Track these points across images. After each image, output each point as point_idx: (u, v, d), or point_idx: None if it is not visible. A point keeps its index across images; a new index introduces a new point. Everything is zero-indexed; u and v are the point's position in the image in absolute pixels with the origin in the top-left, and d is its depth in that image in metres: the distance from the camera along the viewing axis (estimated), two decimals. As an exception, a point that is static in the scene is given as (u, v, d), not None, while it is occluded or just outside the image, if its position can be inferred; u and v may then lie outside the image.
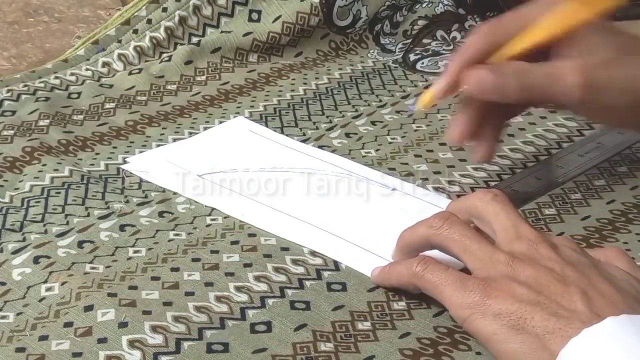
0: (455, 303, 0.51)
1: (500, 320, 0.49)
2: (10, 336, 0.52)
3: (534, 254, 0.52)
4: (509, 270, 0.51)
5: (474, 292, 0.50)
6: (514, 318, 0.49)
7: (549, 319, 0.48)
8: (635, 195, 0.68)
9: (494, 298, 0.50)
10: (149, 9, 0.91)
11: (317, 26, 0.93)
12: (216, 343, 0.52)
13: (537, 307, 0.49)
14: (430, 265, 0.53)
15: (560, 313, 0.48)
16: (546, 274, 0.50)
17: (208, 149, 0.74)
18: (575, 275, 0.50)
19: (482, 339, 0.50)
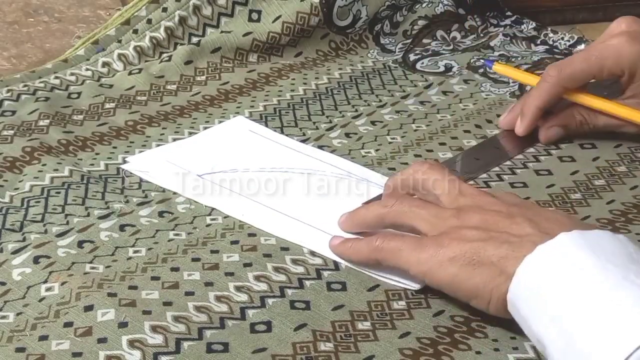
0: (414, 261, 0.55)
1: (457, 262, 0.53)
2: (10, 336, 0.52)
3: (479, 203, 0.56)
4: (457, 222, 0.55)
5: (429, 247, 0.54)
6: (468, 256, 0.52)
7: (501, 247, 0.52)
8: (635, 195, 0.68)
9: (446, 246, 0.53)
10: (149, 9, 0.91)
11: (317, 26, 0.93)
12: (216, 343, 0.52)
13: (489, 241, 0.52)
14: (388, 236, 0.57)
15: (511, 240, 0.52)
16: (493, 215, 0.54)
17: (208, 149, 0.74)
18: (520, 210, 0.55)
19: (446, 286, 0.54)
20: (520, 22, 1.00)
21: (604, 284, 0.47)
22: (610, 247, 0.49)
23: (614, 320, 0.46)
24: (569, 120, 0.75)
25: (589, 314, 0.46)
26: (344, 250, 0.59)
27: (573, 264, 0.49)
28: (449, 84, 0.86)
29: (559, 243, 0.50)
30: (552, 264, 0.49)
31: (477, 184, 0.69)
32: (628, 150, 0.74)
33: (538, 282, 0.49)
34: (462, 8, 1.00)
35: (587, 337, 0.46)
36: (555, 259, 0.49)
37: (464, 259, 0.53)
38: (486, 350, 0.52)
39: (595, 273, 0.48)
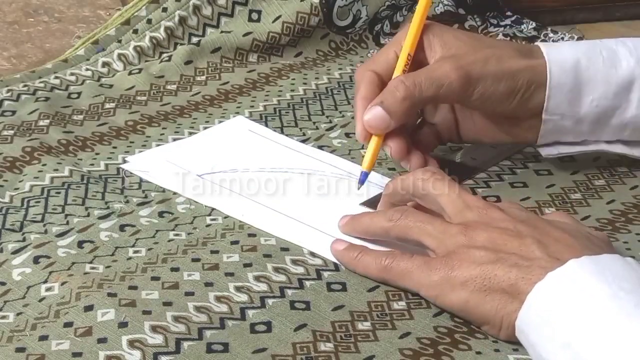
0: (425, 284, 0.54)
1: (468, 287, 0.52)
2: (10, 336, 0.52)
3: (486, 219, 0.55)
4: (465, 240, 0.54)
5: (439, 269, 0.54)
6: (479, 281, 0.52)
7: (511, 271, 0.51)
8: (635, 195, 0.68)
9: (457, 269, 0.53)
10: (149, 9, 0.91)
11: (317, 26, 0.93)
12: (216, 343, 0.52)
13: (498, 264, 0.52)
14: (397, 257, 0.56)
15: (520, 263, 0.51)
16: (501, 234, 0.53)
17: (207, 149, 0.74)
18: (529, 229, 0.54)
19: (458, 310, 0.54)
20: (520, 22, 1.00)
21: (617, 312, 0.47)
22: (621, 272, 0.49)
23: (628, 350, 0.45)
24: None
25: (602, 343, 0.46)
26: (349, 260, 0.58)
27: (584, 291, 0.48)
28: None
29: (569, 270, 0.49)
30: (563, 291, 0.49)
31: (477, 183, 0.69)
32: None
33: (549, 309, 0.49)
34: (462, 8, 1.00)
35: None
36: (566, 286, 0.49)
37: (475, 285, 0.52)
38: (486, 350, 0.52)
39: (607, 300, 0.47)
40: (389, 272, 0.56)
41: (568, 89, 0.66)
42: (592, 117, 0.67)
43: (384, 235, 0.59)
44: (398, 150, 0.66)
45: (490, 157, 0.73)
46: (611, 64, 0.66)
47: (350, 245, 0.59)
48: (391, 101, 0.64)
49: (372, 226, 0.60)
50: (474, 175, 0.70)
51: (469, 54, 0.65)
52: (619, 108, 0.67)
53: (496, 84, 0.65)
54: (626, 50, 0.67)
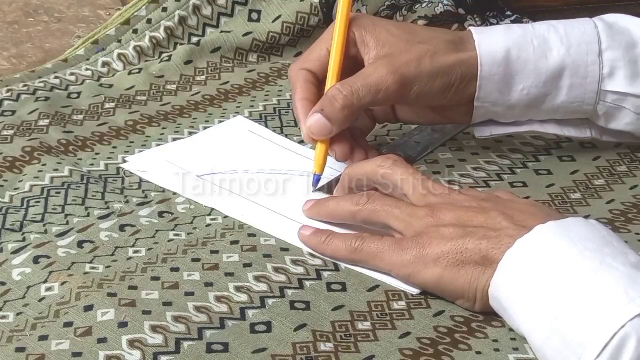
0: (397, 264, 0.56)
1: (441, 263, 0.54)
2: (10, 336, 0.52)
3: (449, 201, 0.57)
4: (433, 221, 0.56)
5: (410, 248, 0.55)
6: (452, 256, 0.54)
7: (481, 243, 0.53)
8: (634, 195, 0.68)
9: (428, 247, 0.54)
10: (149, 9, 0.91)
11: (317, 26, 0.93)
12: (216, 343, 0.52)
13: (468, 238, 0.54)
14: (367, 239, 0.58)
15: (489, 235, 0.53)
16: (466, 211, 0.55)
17: (207, 150, 0.74)
18: (492, 204, 0.56)
19: (433, 287, 0.55)
20: (520, 22, 1.00)
21: (584, 270, 0.49)
22: (585, 233, 0.52)
23: (598, 303, 0.47)
24: None
25: (573, 299, 0.48)
26: (318, 244, 0.60)
27: (552, 253, 0.50)
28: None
29: (536, 235, 0.52)
30: (532, 255, 0.51)
31: (477, 183, 0.69)
32: (628, 150, 0.74)
33: (519, 273, 0.51)
34: (462, 8, 1.00)
35: (572, 321, 0.48)
36: (535, 249, 0.51)
37: (447, 260, 0.54)
38: (486, 350, 0.52)
39: (574, 260, 0.50)
40: (360, 254, 0.57)
41: (499, 79, 0.68)
42: (524, 104, 0.69)
43: (350, 219, 0.60)
44: (342, 153, 0.67)
45: (433, 140, 0.75)
46: (542, 54, 0.68)
47: (318, 230, 0.60)
48: (330, 110, 0.65)
49: (339, 210, 0.61)
50: (418, 159, 0.72)
51: (403, 53, 0.66)
52: (550, 95, 0.69)
53: (432, 82, 0.66)
54: (557, 38, 0.68)
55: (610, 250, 0.50)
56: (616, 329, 0.46)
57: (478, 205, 0.56)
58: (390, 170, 0.61)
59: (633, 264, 0.49)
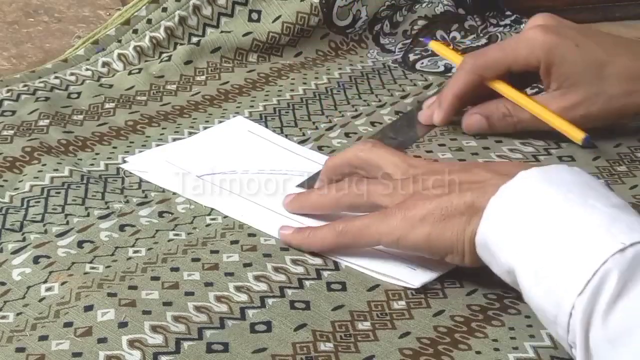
0: (384, 231, 0.56)
1: (428, 221, 0.55)
2: (10, 336, 0.52)
3: (431, 169, 0.58)
4: (415, 187, 0.57)
5: (395, 214, 0.56)
6: (437, 212, 0.54)
7: (466, 195, 0.54)
8: (634, 194, 0.68)
9: (413, 208, 0.55)
10: (149, 9, 0.91)
11: (316, 26, 0.93)
12: (216, 343, 0.52)
13: (452, 193, 0.55)
14: (350, 219, 0.58)
15: (473, 187, 0.54)
16: (448, 174, 0.57)
17: (207, 150, 0.74)
18: (473, 164, 0.59)
19: (423, 246, 0.55)
20: (520, 22, 1.00)
21: (568, 212, 0.50)
22: (568, 177, 0.53)
23: (581, 243, 0.48)
24: (492, 111, 0.75)
25: (558, 238, 0.49)
26: (303, 240, 0.60)
27: (536, 196, 0.51)
28: (449, 84, 0.86)
29: (520, 180, 0.53)
30: (517, 198, 0.52)
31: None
32: (628, 150, 0.74)
33: (505, 218, 0.52)
34: (462, 8, 1.00)
35: (557, 259, 0.49)
36: (519, 195, 0.52)
37: (433, 217, 0.55)
38: (486, 350, 0.52)
39: (558, 201, 0.51)
40: (347, 235, 0.58)
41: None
42: None
43: (334, 206, 0.61)
44: None
45: (408, 137, 0.75)
46: None
47: (298, 228, 0.61)
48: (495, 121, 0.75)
49: (322, 199, 0.62)
50: None
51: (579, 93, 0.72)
52: None
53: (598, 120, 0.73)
54: None
55: (593, 193, 0.51)
56: (597, 266, 0.46)
57: (459, 168, 0.58)
58: (370, 152, 0.62)
59: (615, 204, 0.51)
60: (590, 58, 0.72)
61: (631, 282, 0.46)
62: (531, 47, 0.72)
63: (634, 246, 0.46)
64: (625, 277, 0.46)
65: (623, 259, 0.46)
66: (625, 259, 0.46)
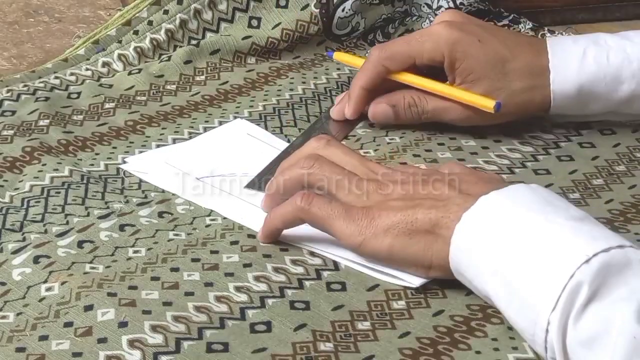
0: (346, 233, 0.57)
1: (392, 232, 0.55)
2: (10, 336, 0.52)
3: (393, 177, 0.59)
4: (381, 197, 0.57)
5: (360, 219, 0.56)
6: (402, 226, 0.55)
7: (430, 212, 0.55)
8: (633, 194, 0.68)
9: (378, 218, 0.56)
10: (150, 10, 0.91)
11: (315, 34, 0.94)
12: (216, 343, 0.52)
13: (417, 208, 0.56)
14: (314, 199, 0.58)
15: (436, 204, 0.55)
16: (413, 185, 0.58)
17: (206, 153, 0.74)
18: (434, 176, 0.58)
19: (384, 256, 0.56)
20: (518, 22, 1.00)
21: (530, 230, 0.52)
22: (527, 197, 0.54)
23: (546, 259, 0.50)
24: (398, 101, 0.76)
25: (524, 258, 0.51)
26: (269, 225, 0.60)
27: (499, 220, 0.53)
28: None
29: (481, 206, 0.54)
30: (480, 226, 0.53)
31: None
32: (627, 149, 0.74)
33: (472, 245, 0.53)
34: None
35: (526, 279, 0.50)
36: (482, 221, 0.54)
37: (398, 229, 0.55)
38: (486, 350, 0.52)
39: (519, 222, 0.52)
40: (307, 214, 0.58)
41: (570, 108, 0.74)
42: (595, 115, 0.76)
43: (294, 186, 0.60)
44: None
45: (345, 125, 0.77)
46: (613, 88, 0.73)
47: None
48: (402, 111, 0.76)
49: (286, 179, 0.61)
50: None
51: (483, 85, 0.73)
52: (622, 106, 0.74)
53: None
54: (629, 73, 0.72)
55: (552, 208, 0.53)
56: (566, 280, 0.48)
57: (421, 177, 0.58)
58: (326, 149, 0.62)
59: (575, 217, 0.52)
60: (493, 54, 0.73)
61: (599, 289, 0.47)
62: (436, 41, 0.73)
63: (597, 256, 0.48)
64: (593, 287, 0.47)
65: (589, 270, 0.48)
66: (592, 269, 0.48)
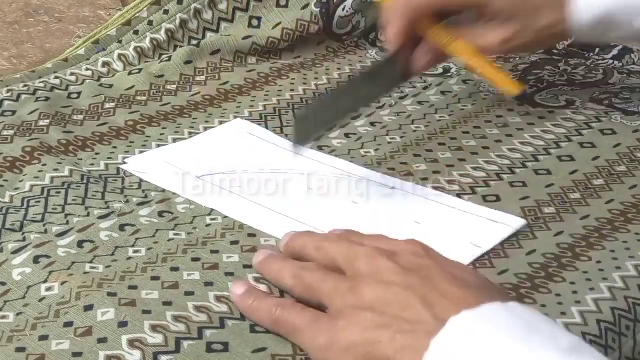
0: (310, 347, 0.51)
1: (351, 353, 0.49)
2: (11, 336, 0.52)
3: (374, 270, 0.52)
4: (353, 299, 0.51)
5: (325, 330, 0.51)
6: (362, 349, 0.49)
7: (396, 338, 0.48)
8: (634, 194, 0.68)
9: (342, 331, 0.50)
10: (151, 10, 0.91)
11: (316, 34, 0.94)
12: (216, 342, 0.52)
13: (384, 330, 0.49)
14: (287, 308, 0.53)
15: (405, 328, 0.48)
16: (387, 290, 0.50)
17: (206, 152, 0.74)
18: (416, 281, 0.50)
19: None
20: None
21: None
22: (506, 319, 0.47)
23: None
24: None
25: None
26: (246, 308, 0.55)
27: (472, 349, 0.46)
28: (448, 84, 0.87)
29: (452, 331, 0.47)
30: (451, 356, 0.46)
31: (477, 183, 0.69)
32: (627, 150, 0.74)
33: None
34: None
35: None
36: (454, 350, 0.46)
37: (357, 352, 0.49)
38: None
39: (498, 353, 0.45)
40: (280, 326, 0.53)
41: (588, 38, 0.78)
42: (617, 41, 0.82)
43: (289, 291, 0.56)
44: None
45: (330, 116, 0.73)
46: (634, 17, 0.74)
47: (248, 290, 0.55)
48: None
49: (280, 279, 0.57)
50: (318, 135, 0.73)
51: None
52: None
53: None
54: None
55: (538, 337, 0.45)
56: None
57: (401, 282, 0.51)
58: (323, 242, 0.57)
59: (565, 348, 0.45)
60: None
61: None
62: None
63: None
64: None
65: None
66: None
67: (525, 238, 0.62)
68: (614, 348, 0.55)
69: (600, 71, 0.90)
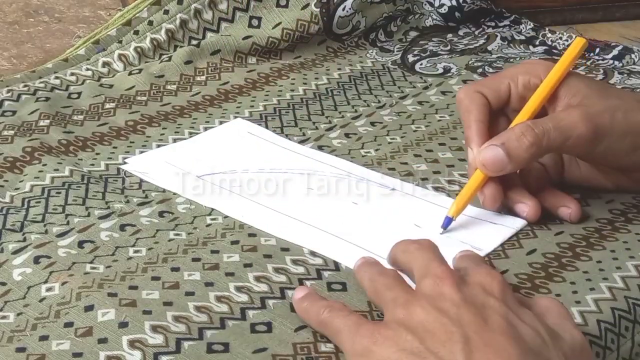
0: (348, 351, 0.51)
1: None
2: (11, 336, 0.52)
3: (435, 293, 0.51)
4: (403, 314, 0.50)
5: (364, 337, 0.50)
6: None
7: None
8: (634, 195, 0.68)
9: (379, 344, 0.49)
10: (151, 10, 0.91)
11: (316, 34, 0.94)
12: (216, 343, 0.52)
13: (415, 358, 0.47)
14: (334, 311, 0.53)
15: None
16: (436, 319, 0.49)
17: (207, 151, 0.74)
18: (470, 319, 0.48)
19: None
20: (519, 22, 1.00)
21: None
22: None
23: None
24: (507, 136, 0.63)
25: None
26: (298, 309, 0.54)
27: None
28: (448, 84, 0.87)
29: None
30: None
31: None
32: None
33: None
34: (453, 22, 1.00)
35: None
36: None
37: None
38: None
39: None
40: (325, 328, 0.53)
41: None
42: None
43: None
44: (492, 199, 0.63)
45: None
46: None
47: (306, 294, 0.55)
48: (515, 145, 0.61)
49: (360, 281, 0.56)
50: None
51: (597, 104, 0.63)
52: None
53: (622, 139, 0.63)
54: None
55: None
56: None
57: (454, 314, 0.49)
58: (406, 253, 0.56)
59: None
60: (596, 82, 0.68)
61: None
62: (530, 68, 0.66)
63: None
64: None
65: None
66: None
67: (525, 237, 0.62)
68: (612, 349, 0.55)
69: (600, 71, 0.90)
